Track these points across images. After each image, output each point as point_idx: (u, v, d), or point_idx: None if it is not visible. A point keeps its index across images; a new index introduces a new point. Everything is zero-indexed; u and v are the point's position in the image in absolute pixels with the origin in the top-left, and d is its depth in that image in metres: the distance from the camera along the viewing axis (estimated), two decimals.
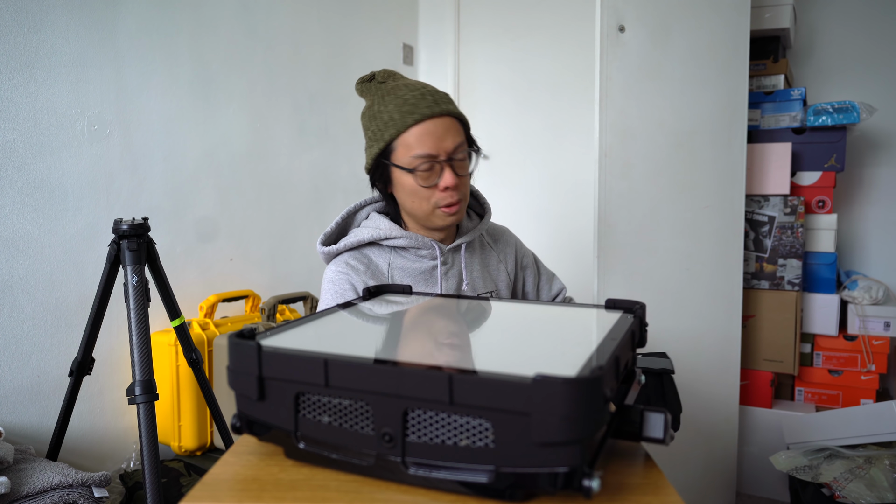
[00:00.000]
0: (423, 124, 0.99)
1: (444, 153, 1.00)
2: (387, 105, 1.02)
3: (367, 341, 0.64)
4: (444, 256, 1.09)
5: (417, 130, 0.99)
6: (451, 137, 1.01)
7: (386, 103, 1.02)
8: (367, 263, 1.08)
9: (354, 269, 1.06)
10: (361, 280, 1.05)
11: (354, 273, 1.06)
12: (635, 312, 0.71)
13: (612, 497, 0.51)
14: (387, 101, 1.02)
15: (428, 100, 1.00)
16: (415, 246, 1.08)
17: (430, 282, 1.09)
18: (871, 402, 1.98)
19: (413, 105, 1.00)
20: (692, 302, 1.84)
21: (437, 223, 1.05)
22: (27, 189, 1.38)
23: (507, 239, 1.23)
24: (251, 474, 0.55)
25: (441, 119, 1.00)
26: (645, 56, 1.77)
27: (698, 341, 1.84)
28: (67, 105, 1.44)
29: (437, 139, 0.99)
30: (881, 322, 1.99)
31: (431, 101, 1.00)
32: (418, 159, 0.99)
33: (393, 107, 1.01)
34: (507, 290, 1.19)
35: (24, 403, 1.39)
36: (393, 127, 1.00)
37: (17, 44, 1.35)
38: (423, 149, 0.99)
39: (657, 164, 1.80)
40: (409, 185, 1.02)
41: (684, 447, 1.84)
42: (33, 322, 1.40)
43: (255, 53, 1.94)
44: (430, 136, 0.99)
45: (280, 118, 2.04)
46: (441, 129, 1.00)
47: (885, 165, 2.28)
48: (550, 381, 0.44)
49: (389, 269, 1.08)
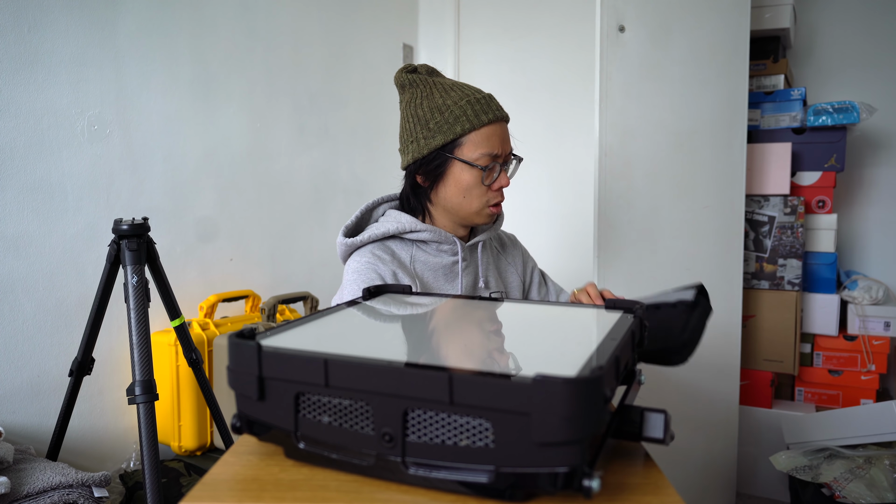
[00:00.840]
0: (494, 125, 1.06)
1: (504, 155, 1.08)
2: (455, 100, 1.06)
3: (367, 341, 0.64)
4: (464, 252, 1.13)
5: (488, 130, 1.05)
6: (509, 142, 1.10)
7: (452, 98, 1.06)
8: (392, 255, 1.10)
9: (381, 258, 1.08)
10: (389, 270, 1.06)
11: (381, 263, 1.07)
12: (635, 312, 0.71)
13: (612, 497, 0.51)
14: (452, 96, 1.07)
15: (494, 104, 1.08)
16: (437, 240, 1.11)
17: (450, 276, 1.13)
18: (871, 402, 1.98)
19: (485, 105, 1.06)
20: None
21: (480, 221, 1.11)
22: (27, 189, 1.38)
23: (516, 245, 1.30)
24: (251, 474, 0.55)
25: (504, 124, 1.09)
26: (645, 56, 1.77)
27: None
28: (67, 105, 1.44)
29: (502, 141, 1.07)
30: (881, 322, 1.99)
31: (497, 107, 1.08)
32: (487, 157, 1.05)
33: (465, 103, 1.05)
34: (518, 292, 1.24)
35: (25, 403, 1.39)
36: (467, 122, 1.05)
37: (18, 44, 1.35)
38: (492, 148, 1.05)
39: (657, 164, 1.80)
40: (466, 181, 1.06)
41: (684, 447, 1.84)
42: (33, 322, 1.40)
43: (256, 53, 1.94)
44: (497, 137, 1.06)
45: (280, 118, 2.04)
46: (505, 133, 1.09)
47: (885, 165, 2.28)
48: (550, 381, 0.44)
49: (412, 262, 1.11)
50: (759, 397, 2.06)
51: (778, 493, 2.03)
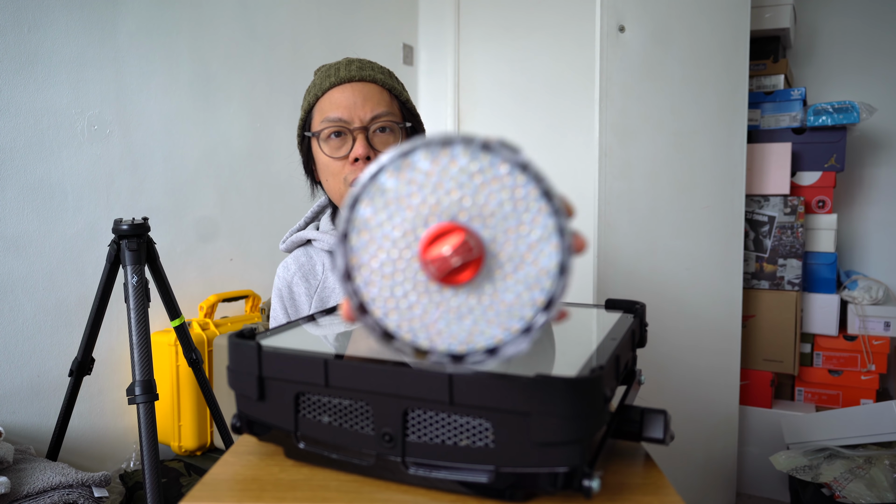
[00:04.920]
0: (340, 88, 0.90)
1: (358, 120, 0.89)
2: (315, 77, 0.96)
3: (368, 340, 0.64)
4: None
5: (332, 94, 0.90)
6: (370, 105, 0.90)
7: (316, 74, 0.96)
8: (305, 262, 1.01)
9: (287, 267, 1.00)
10: (286, 282, 0.99)
11: (286, 272, 1.00)
12: (635, 312, 0.70)
13: (612, 497, 0.51)
14: (316, 74, 0.96)
15: (353, 66, 0.92)
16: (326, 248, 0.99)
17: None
18: (871, 402, 1.98)
19: (335, 70, 0.92)
20: (692, 302, 1.84)
21: None
22: (27, 189, 1.38)
23: None
24: (251, 474, 0.55)
25: (362, 84, 0.90)
26: (645, 56, 1.77)
27: (698, 341, 1.84)
28: (67, 105, 1.44)
29: (352, 105, 0.89)
30: (881, 322, 1.99)
31: (356, 68, 0.91)
32: (326, 123, 0.90)
33: (319, 76, 0.94)
34: None
35: (24, 403, 1.39)
36: (311, 93, 0.93)
37: (18, 44, 1.35)
38: (334, 112, 0.89)
39: (657, 164, 1.80)
40: (321, 159, 0.93)
41: (684, 447, 1.84)
42: (33, 322, 1.40)
43: (255, 53, 1.94)
44: (345, 100, 0.89)
45: (280, 118, 2.04)
46: (360, 96, 0.90)
47: (885, 165, 2.28)
48: (550, 380, 0.44)
49: (324, 271, 1.00)
50: (759, 397, 2.06)
51: (778, 493, 2.03)
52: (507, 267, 0.40)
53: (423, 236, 0.40)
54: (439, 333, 0.41)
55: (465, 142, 0.39)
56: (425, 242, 0.39)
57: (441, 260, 0.38)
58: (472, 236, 0.39)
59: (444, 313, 0.41)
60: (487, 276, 0.40)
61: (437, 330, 0.41)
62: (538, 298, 0.41)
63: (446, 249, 0.38)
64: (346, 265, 0.40)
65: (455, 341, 0.41)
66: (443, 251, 0.38)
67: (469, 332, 0.41)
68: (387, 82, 0.93)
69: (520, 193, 0.40)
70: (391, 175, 0.40)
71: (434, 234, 0.39)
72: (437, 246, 0.39)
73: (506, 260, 0.40)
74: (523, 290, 0.40)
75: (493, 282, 0.41)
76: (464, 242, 0.38)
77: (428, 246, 0.39)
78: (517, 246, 0.40)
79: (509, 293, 0.41)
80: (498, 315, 0.41)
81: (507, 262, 0.40)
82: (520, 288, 0.40)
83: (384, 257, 0.41)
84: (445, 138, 0.40)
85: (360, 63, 0.93)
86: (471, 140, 0.39)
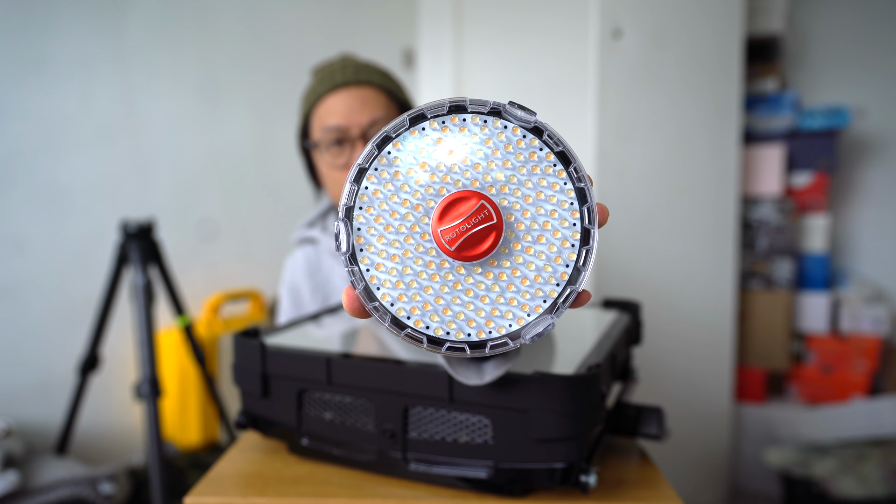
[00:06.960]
0: (337, 94, 0.86)
1: (356, 126, 0.86)
2: (312, 79, 0.93)
3: (368, 340, 0.66)
4: None
5: (329, 101, 0.87)
6: (368, 110, 0.86)
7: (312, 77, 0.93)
8: (312, 259, 1.00)
9: (295, 261, 1.00)
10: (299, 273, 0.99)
11: (294, 266, 1.00)
12: (631, 311, 0.71)
13: (609, 492, 0.52)
14: (313, 76, 0.93)
15: (349, 69, 0.88)
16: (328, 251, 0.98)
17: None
18: (862, 398, 2.01)
19: (330, 74, 0.88)
20: (686, 301, 1.86)
21: None
22: (36, 191, 1.40)
23: None
24: (255, 470, 0.56)
25: (358, 88, 0.86)
26: (641, 60, 1.80)
27: (692, 339, 1.87)
28: (75, 108, 1.47)
29: (349, 111, 0.86)
30: (872, 320, 2.02)
31: (352, 71, 0.88)
32: (325, 132, 0.87)
33: (316, 79, 0.91)
34: None
35: (33, 400, 1.41)
36: (308, 98, 0.90)
37: (26, 48, 1.37)
38: (332, 119, 0.86)
39: (653, 166, 1.83)
40: (323, 169, 0.91)
41: (678, 444, 1.86)
42: (42, 321, 1.42)
43: (260, 58, 1.96)
44: (342, 105, 0.86)
45: (284, 121, 2.06)
46: (357, 102, 0.86)
47: (877, 167, 2.30)
48: (548, 378, 0.45)
49: (331, 269, 1.00)
50: (753, 394, 2.09)
51: (770, 488, 2.06)
52: (525, 239, 0.36)
53: (436, 208, 0.35)
54: (454, 318, 0.36)
55: (476, 105, 0.36)
56: (438, 213, 0.35)
57: (457, 228, 0.35)
58: (489, 202, 0.35)
59: (459, 295, 0.36)
60: (505, 251, 0.36)
61: (451, 314, 0.36)
62: (561, 272, 0.36)
63: (463, 216, 0.35)
64: (350, 245, 0.36)
65: (472, 326, 0.36)
66: (459, 219, 0.35)
67: (487, 315, 0.36)
68: (384, 84, 0.91)
69: (535, 158, 0.37)
70: (397, 145, 0.36)
71: (447, 203, 0.35)
72: (451, 215, 0.35)
73: (524, 231, 0.36)
74: (545, 263, 0.36)
75: (511, 256, 0.36)
76: (481, 206, 0.35)
77: (441, 217, 0.35)
78: (535, 215, 0.36)
79: (530, 268, 0.36)
80: (518, 293, 0.36)
81: (525, 233, 0.36)
82: (541, 261, 0.36)
83: (392, 235, 0.36)
84: (455, 103, 0.36)
85: (357, 66, 0.90)
86: (483, 104, 0.36)
